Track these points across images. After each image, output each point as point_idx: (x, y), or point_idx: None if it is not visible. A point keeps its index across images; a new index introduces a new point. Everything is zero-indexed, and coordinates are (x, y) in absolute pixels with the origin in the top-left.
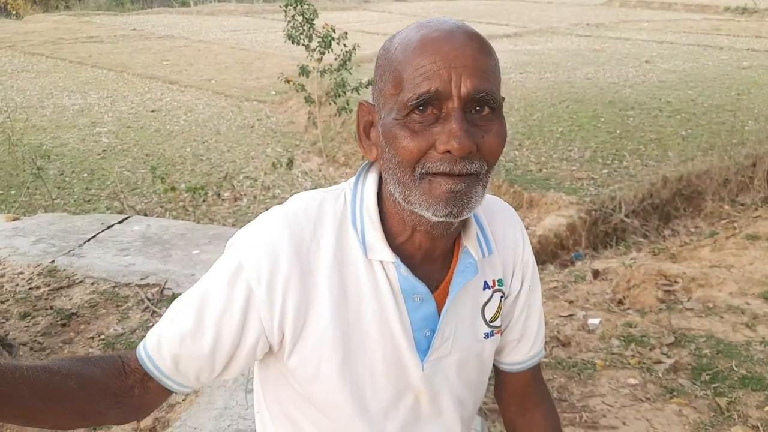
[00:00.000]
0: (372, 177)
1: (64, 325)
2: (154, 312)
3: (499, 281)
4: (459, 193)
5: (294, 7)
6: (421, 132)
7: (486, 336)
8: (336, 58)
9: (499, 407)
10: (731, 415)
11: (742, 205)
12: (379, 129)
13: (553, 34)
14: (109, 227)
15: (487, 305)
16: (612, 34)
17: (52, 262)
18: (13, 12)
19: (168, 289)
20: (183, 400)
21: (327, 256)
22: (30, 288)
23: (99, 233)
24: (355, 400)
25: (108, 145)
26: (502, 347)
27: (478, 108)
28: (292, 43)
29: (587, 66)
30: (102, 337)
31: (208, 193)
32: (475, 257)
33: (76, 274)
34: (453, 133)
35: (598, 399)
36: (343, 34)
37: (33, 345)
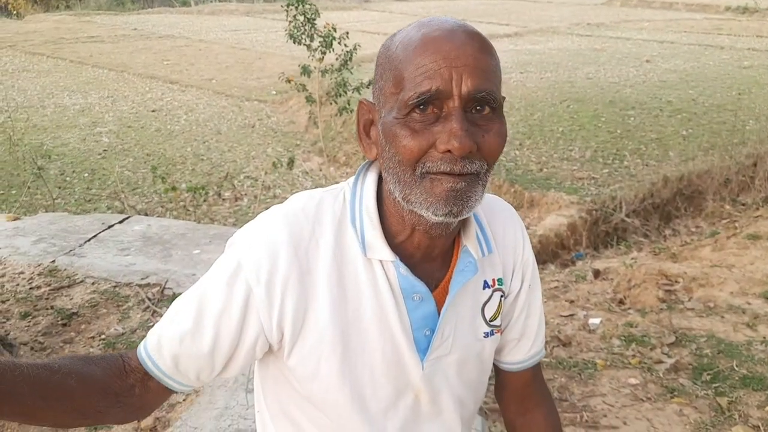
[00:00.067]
0: (371, 176)
1: (64, 324)
2: (154, 312)
3: (499, 280)
4: (459, 192)
5: (295, 6)
6: (422, 131)
7: (486, 335)
8: (337, 58)
9: (500, 407)
10: (732, 414)
11: (743, 204)
12: (379, 128)
13: (553, 34)
14: (109, 227)
15: (487, 304)
16: (613, 34)
17: (53, 261)
18: (14, 12)
19: (168, 288)
20: (183, 400)
21: (326, 255)
22: (31, 288)
23: (100, 233)
24: (355, 399)
25: (109, 145)
26: (502, 346)
27: (478, 107)
28: (293, 42)
29: (588, 66)
30: (102, 336)
31: (209, 193)
32: (475, 256)
33: (77, 274)
34: (453, 132)
35: (598, 399)
36: (345, 33)
37: (34, 345)
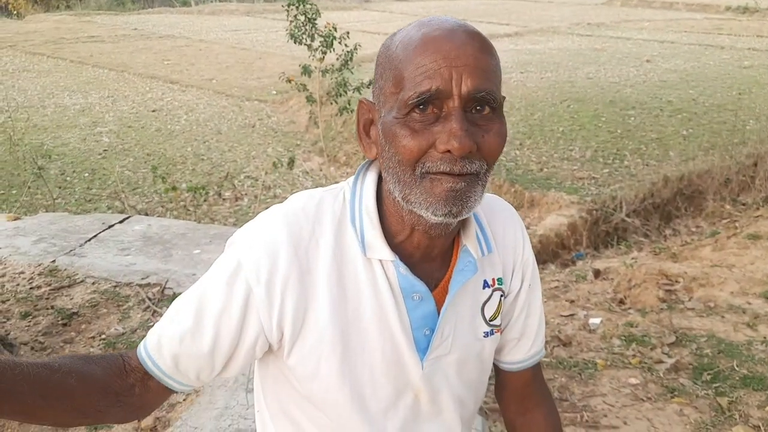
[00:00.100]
0: (371, 176)
1: (65, 324)
2: (155, 312)
3: (499, 280)
4: (458, 192)
5: (296, 6)
6: (422, 131)
7: (486, 335)
8: (338, 58)
9: (500, 407)
10: (732, 414)
11: (744, 204)
12: (379, 127)
13: (554, 34)
14: (110, 227)
15: (487, 304)
16: (613, 34)
17: (53, 261)
18: (14, 12)
19: (169, 288)
20: (184, 400)
21: (326, 255)
22: (31, 287)
23: (100, 233)
24: (355, 399)
25: (109, 145)
26: (502, 346)
27: (478, 107)
28: (294, 42)
29: (588, 65)
30: (103, 336)
31: (209, 193)
32: (475, 256)
33: (77, 274)
34: (453, 132)
35: (599, 399)
36: (345, 33)
37: (34, 344)
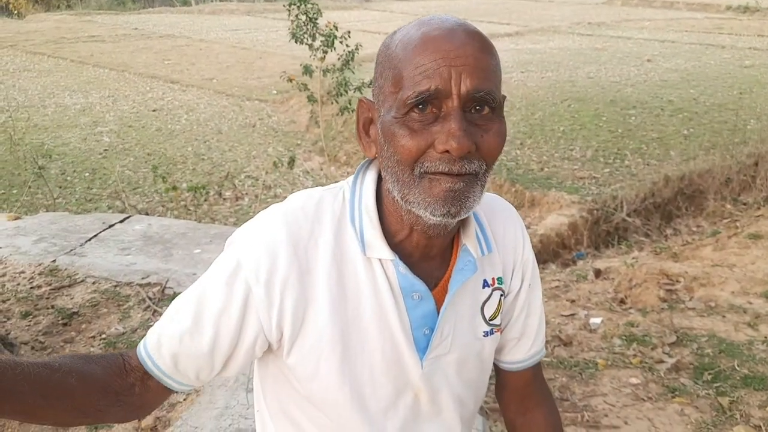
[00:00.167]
0: (371, 175)
1: (65, 324)
2: (155, 311)
3: (499, 279)
4: (457, 192)
5: (297, 6)
6: (421, 131)
7: (485, 334)
8: (339, 58)
9: (500, 406)
10: (733, 414)
11: (744, 204)
12: (378, 126)
13: (554, 33)
14: (110, 226)
15: (487, 303)
16: (614, 33)
17: (54, 261)
18: (15, 11)
19: (169, 288)
20: (184, 400)
21: (325, 254)
22: (31, 287)
23: (100, 232)
24: (354, 399)
25: (109, 145)
26: (503, 346)
27: (478, 107)
28: (295, 42)
29: (589, 65)
30: (103, 336)
31: (210, 193)
32: (474, 255)
33: (78, 274)
34: (452, 132)
35: (599, 398)
36: (346, 33)
37: (34, 344)
